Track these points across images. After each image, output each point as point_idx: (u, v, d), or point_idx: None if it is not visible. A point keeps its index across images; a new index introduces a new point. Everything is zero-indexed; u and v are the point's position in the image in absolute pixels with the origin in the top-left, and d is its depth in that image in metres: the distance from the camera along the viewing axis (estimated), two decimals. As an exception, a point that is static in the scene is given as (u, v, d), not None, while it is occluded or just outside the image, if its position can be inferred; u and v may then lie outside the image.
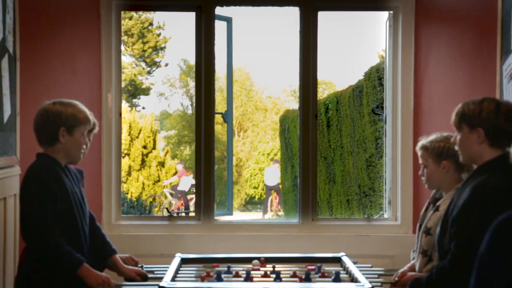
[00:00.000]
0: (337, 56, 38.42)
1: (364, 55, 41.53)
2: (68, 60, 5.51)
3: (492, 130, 3.36)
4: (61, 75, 5.46)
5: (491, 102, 3.42)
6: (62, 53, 5.50)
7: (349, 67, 41.62)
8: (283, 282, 3.67)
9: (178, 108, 33.64)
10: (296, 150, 15.47)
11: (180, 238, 5.49)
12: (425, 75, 5.61)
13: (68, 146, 3.82)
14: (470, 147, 3.42)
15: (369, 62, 27.70)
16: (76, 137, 3.82)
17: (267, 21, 43.69)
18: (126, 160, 21.49)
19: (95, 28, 5.52)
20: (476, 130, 3.37)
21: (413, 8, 5.57)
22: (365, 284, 3.48)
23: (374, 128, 12.36)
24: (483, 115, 3.37)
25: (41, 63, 5.43)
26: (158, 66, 31.38)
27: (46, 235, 3.55)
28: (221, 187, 10.31)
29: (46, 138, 3.82)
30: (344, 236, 5.56)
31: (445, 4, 5.59)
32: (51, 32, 5.47)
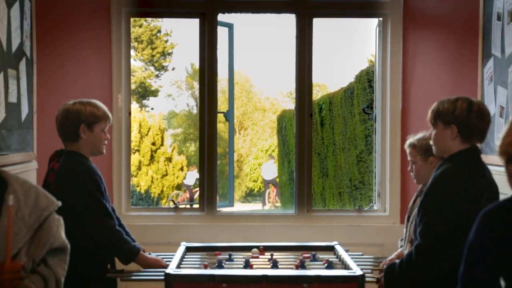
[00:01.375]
0: (330, 60, 38.43)
1: (355, 60, 41.57)
2: (81, 63, 5.49)
3: (464, 127, 3.37)
4: (75, 77, 5.43)
5: (464, 101, 3.43)
6: (76, 57, 5.48)
7: (341, 70, 41.63)
8: (280, 269, 3.63)
9: (184, 108, 33.69)
10: (292, 146, 15.51)
11: (185, 228, 5.49)
12: (412, 77, 5.59)
13: (90, 141, 3.83)
14: (444, 142, 3.42)
15: (359, 66, 27.75)
16: (96, 133, 3.84)
17: (266, 27, 43.74)
18: (136, 156, 21.51)
19: (106, 33, 5.50)
20: (450, 126, 3.39)
21: (401, 15, 5.56)
22: (357, 271, 3.45)
23: (364, 127, 12.38)
24: (456, 113, 3.38)
25: (56, 65, 5.40)
26: (166, 70, 31.41)
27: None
28: (223, 181, 10.25)
29: (69, 135, 3.83)
30: (337, 226, 5.56)
31: (431, 11, 5.57)
32: (65, 37, 5.45)
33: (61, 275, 2.80)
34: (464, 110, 3.39)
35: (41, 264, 2.75)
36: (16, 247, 2.63)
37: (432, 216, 3.28)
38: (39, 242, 2.74)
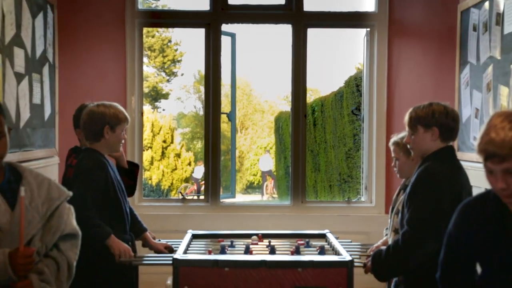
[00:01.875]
0: (322, 67, 38.42)
1: (344, 66, 41.51)
2: (98, 68, 5.46)
3: (444, 128, 3.32)
4: (92, 80, 5.40)
5: (438, 105, 3.38)
6: (93, 62, 5.45)
7: (332, 76, 41.60)
8: (277, 255, 3.59)
9: (191, 110, 33.65)
10: (288, 144, 15.49)
11: (192, 217, 5.46)
12: (397, 82, 5.56)
13: (111, 141, 3.77)
14: (425, 144, 3.36)
15: (348, 72, 27.75)
16: (117, 133, 3.78)
17: (265, 36, 43.66)
18: (149, 152, 21.48)
19: (121, 41, 5.47)
20: (431, 129, 3.32)
21: (386, 26, 5.52)
22: (346, 256, 3.41)
23: (352, 126, 12.40)
24: (436, 116, 3.32)
25: (76, 70, 5.37)
26: (176, 75, 31.37)
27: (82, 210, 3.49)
28: (226, 175, 10.23)
29: (93, 135, 3.77)
30: (328, 216, 5.53)
31: (413, 23, 5.54)
32: (84, 45, 5.42)
33: (72, 259, 2.77)
34: (442, 113, 3.34)
35: (54, 249, 2.72)
36: (30, 233, 2.60)
37: (418, 208, 3.23)
38: (51, 229, 2.70)
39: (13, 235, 2.56)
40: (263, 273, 3.23)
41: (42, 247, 2.66)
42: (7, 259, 2.49)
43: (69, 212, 2.81)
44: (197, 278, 3.23)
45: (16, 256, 2.49)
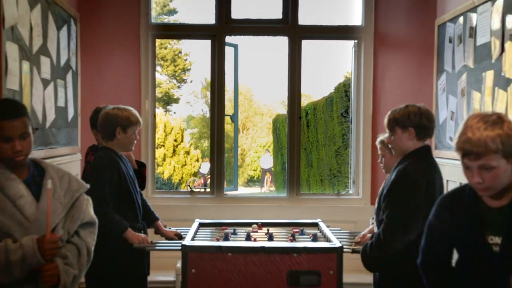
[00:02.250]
0: (315, 75, 38.39)
1: (334, 74, 41.49)
2: (115, 75, 5.43)
3: (419, 128, 3.27)
4: (111, 86, 5.37)
5: (413, 107, 3.34)
6: (112, 70, 5.42)
7: (323, 83, 41.60)
8: (274, 241, 3.56)
9: (199, 113, 33.65)
10: (284, 143, 15.48)
11: (199, 207, 5.43)
12: (381, 88, 5.53)
13: (123, 141, 3.74)
14: (404, 143, 3.31)
15: (337, 80, 27.74)
16: (129, 134, 3.74)
17: (264, 47, 43.70)
18: (161, 150, 21.51)
19: (136, 51, 5.45)
20: (407, 129, 3.27)
21: (372, 38, 5.49)
22: (336, 243, 3.38)
23: (341, 127, 12.41)
24: (411, 117, 3.27)
25: (96, 77, 5.34)
26: (185, 82, 31.43)
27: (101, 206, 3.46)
28: (229, 170, 10.23)
29: (107, 135, 3.75)
30: (320, 207, 5.50)
31: (396, 35, 5.51)
32: (103, 54, 5.39)
33: (90, 244, 2.76)
34: (417, 114, 3.29)
35: (75, 236, 2.72)
36: (54, 222, 2.59)
37: (396, 204, 3.18)
38: (72, 218, 2.70)
39: (39, 223, 2.56)
40: (262, 258, 3.21)
41: (64, 234, 2.65)
42: (36, 245, 2.48)
43: (88, 202, 2.81)
44: (203, 262, 3.21)
45: (43, 242, 2.48)
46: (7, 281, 2.51)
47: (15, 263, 2.47)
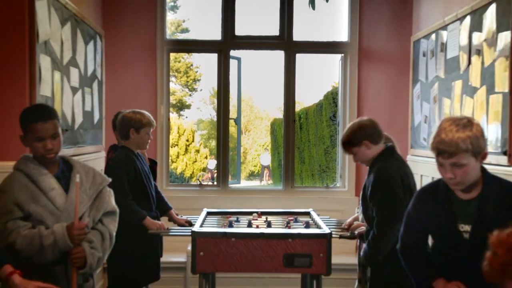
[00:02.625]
0: (307, 84, 38.34)
1: (323, 84, 41.33)
2: (135, 84, 5.40)
3: (369, 137, 3.18)
4: (130, 93, 5.34)
5: (354, 124, 3.27)
6: (131, 80, 5.39)
7: (313, 91, 41.50)
8: (272, 228, 3.53)
9: (208, 117, 33.63)
10: (281, 142, 15.48)
11: (206, 198, 5.38)
12: (364, 95, 5.50)
13: (136, 140, 3.73)
14: (367, 155, 3.22)
15: (326, 88, 27.67)
16: (141, 135, 3.73)
17: (263, 60, 43.48)
18: (175, 149, 21.46)
19: (153, 63, 5.42)
20: (362, 144, 3.19)
21: (356, 52, 5.46)
22: (326, 230, 3.34)
23: (329, 129, 12.43)
24: (357, 135, 3.19)
25: (118, 85, 5.31)
26: (196, 91, 31.38)
27: (122, 198, 3.44)
28: (233, 166, 10.21)
29: (122, 135, 3.75)
30: (311, 198, 5.47)
31: (377, 50, 5.49)
32: (124, 65, 5.37)
33: (112, 230, 2.75)
34: (359, 129, 3.21)
35: (99, 223, 2.71)
36: (81, 211, 2.59)
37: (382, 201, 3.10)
38: (97, 208, 2.69)
39: (68, 213, 2.56)
40: (262, 242, 3.18)
41: (90, 222, 2.65)
42: (65, 231, 2.49)
43: (110, 194, 2.79)
44: (210, 246, 3.17)
45: (72, 229, 2.49)
46: (41, 262, 2.51)
47: (47, 247, 2.47)
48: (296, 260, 3.17)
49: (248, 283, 4.40)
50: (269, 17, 5.94)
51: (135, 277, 3.72)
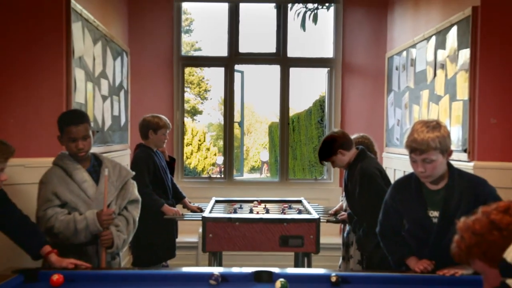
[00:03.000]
0: (298, 93, 38.31)
1: (312, 93, 41.26)
2: (155, 93, 5.37)
3: (342, 146, 3.16)
4: (151, 101, 5.31)
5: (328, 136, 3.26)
6: (152, 89, 5.36)
7: (303, 99, 41.49)
8: (270, 214, 3.51)
9: (216, 121, 33.55)
10: (277, 142, 15.41)
11: (215, 189, 5.36)
12: (347, 102, 5.47)
13: (154, 140, 3.72)
14: (343, 161, 3.21)
15: (315, 97, 27.61)
16: (158, 135, 3.71)
17: (262, 73, 43.48)
18: (189, 147, 21.43)
19: (170, 76, 5.40)
20: (337, 153, 3.17)
21: (340, 67, 5.44)
22: (315, 215, 3.32)
23: (317, 131, 12.39)
24: (332, 145, 3.17)
25: (141, 94, 5.27)
26: (207, 99, 31.32)
27: (144, 188, 3.41)
28: (237, 162, 10.22)
29: (143, 135, 3.74)
30: (303, 188, 5.44)
31: (358, 64, 5.46)
32: (146, 77, 5.34)
33: (135, 216, 2.73)
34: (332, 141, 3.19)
35: (124, 210, 2.69)
36: (109, 200, 2.57)
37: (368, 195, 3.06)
38: (122, 197, 2.67)
39: (98, 201, 2.54)
40: (261, 226, 3.15)
41: (116, 209, 2.63)
42: (95, 216, 2.48)
43: (133, 185, 2.77)
44: (217, 229, 3.15)
45: (101, 215, 2.48)
46: (75, 243, 2.50)
47: (81, 230, 2.46)
48: (290, 241, 3.14)
49: (250, 259, 4.37)
50: (267, 36, 5.92)
51: (155, 255, 3.71)
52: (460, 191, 2.27)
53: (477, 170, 3.04)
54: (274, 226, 3.15)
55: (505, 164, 3.07)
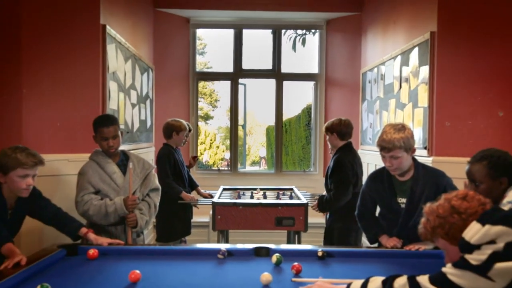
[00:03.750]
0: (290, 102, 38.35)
1: (301, 102, 41.29)
2: (175, 102, 5.30)
3: (338, 132, 3.20)
4: (172, 108, 5.24)
5: (336, 119, 3.27)
6: (172, 99, 5.29)
7: (294, 107, 41.50)
8: (267, 199, 3.46)
9: (224, 125, 33.55)
10: (273, 141, 15.40)
11: (223, 179, 5.30)
12: (329, 110, 5.41)
13: (176, 140, 3.68)
14: (333, 143, 3.23)
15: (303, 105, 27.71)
16: (180, 136, 3.68)
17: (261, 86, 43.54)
18: (203, 146, 21.42)
19: (186, 88, 5.34)
20: (333, 134, 3.20)
21: (324, 80, 5.38)
22: (304, 200, 3.27)
23: (305, 133, 12.33)
24: (334, 126, 3.21)
25: (163, 102, 5.19)
26: (216, 107, 31.21)
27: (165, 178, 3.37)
28: (241, 157, 10.21)
29: (166, 136, 3.69)
30: (294, 178, 5.37)
31: (338, 79, 5.40)
32: (168, 89, 5.27)
33: (156, 201, 2.67)
34: (337, 124, 3.23)
35: (147, 196, 2.64)
36: (134, 188, 2.53)
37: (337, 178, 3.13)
38: (145, 185, 2.63)
39: (125, 189, 2.50)
40: (260, 209, 3.11)
41: (140, 195, 2.58)
42: (122, 202, 2.43)
43: (154, 176, 2.71)
44: (224, 211, 3.10)
45: (127, 200, 2.43)
46: (106, 224, 2.46)
47: (110, 213, 2.43)
48: (283, 221, 3.10)
49: (251, 236, 4.32)
50: (265, 56, 5.89)
51: (175, 232, 3.66)
52: (423, 181, 2.23)
53: (435, 164, 2.99)
54: (270, 209, 3.10)
55: (457, 159, 3.03)
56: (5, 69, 2.89)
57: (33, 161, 2.01)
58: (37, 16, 2.96)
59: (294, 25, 5.56)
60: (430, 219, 1.33)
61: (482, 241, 1.15)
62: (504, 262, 1.11)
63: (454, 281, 1.17)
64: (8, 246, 1.92)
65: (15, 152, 1.99)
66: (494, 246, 1.13)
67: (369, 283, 1.35)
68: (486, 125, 3.10)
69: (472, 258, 1.16)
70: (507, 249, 1.12)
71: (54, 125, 3.03)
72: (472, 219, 1.24)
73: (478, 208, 1.26)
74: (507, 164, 1.81)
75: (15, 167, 1.97)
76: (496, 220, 1.16)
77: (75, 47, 3.06)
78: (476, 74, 3.09)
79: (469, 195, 1.31)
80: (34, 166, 2.02)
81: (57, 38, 3.02)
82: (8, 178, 1.99)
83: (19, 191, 2.02)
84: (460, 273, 1.17)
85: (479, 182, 1.84)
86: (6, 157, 1.98)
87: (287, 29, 5.61)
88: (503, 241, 1.13)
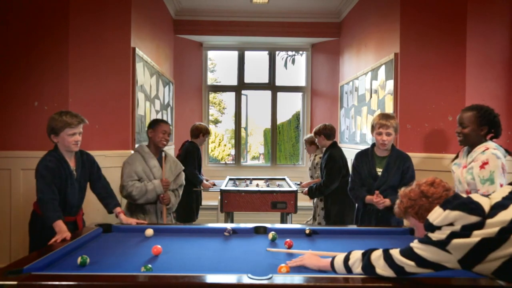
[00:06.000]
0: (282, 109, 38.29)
1: (291, 109, 41.23)
2: (190, 109, 5.24)
3: (323, 134, 3.21)
4: (188, 114, 5.19)
5: (321, 124, 3.28)
6: (188, 107, 5.24)
7: (286, 113, 41.47)
8: (265, 187, 3.42)
9: (231, 127, 33.66)
10: (269, 140, 15.34)
11: (229, 171, 5.26)
12: (314, 116, 5.36)
13: (201, 140, 3.65)
14: (321, 143, 3.25)
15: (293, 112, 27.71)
16: (205, 138, 3.67)
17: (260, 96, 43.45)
18: (213, 144, 21.37)
19: (199, 99, 5.30)
20: (320, 136, 3.22)
21: (310, 92, 5.35)
22: (294, 188, 3.25)
23: (295, 134, 12.29)
24: (320, 128, 3.22)
25: (181, 110, 5.15)
26: (224, 113, 31.14)
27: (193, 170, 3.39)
28: (244, 153, 10.27)
29: (194, 135, 3.64)
30: (286, 170, 5.38)
31: (321, 90, 5.36)
32: (184, 99, 5.23)
33: (180, 193, 2.66)
34: (322, 128, 3.24)
35: (174, 190, 2.62)
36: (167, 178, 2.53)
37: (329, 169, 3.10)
38: (175, 182, 2.61)
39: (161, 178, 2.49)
40: (259, 195, 3.08)
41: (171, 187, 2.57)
42: (160, 182, 2.44)
43: (182, 175, 2.68)
44: (230, 197, 3.08)
45: (162, 182, 2.45)
46: (145, 202, 2.46)
47: (150, 191, 2.44)
48: (278, 205, 3.08)
49: (251, 216, 4.29)
50: (263, 72, 5.87)
51: (190, 213, 3.63)
52: (395, 159, 2.35)
53: (399, 159, 2.95)
54: (267, 195, 3.08)
55: (416, 154, 3.02)
56: (55, 83, 2.88)
57: (77, 120, 2.02)
58: (82, 40, 2.95)
59: (285, 47, 5.53)
60: (403, 200, 1.32)
61: (442, 223, 1.14)
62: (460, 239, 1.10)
63: (420, 254, 1.16)
64: (58, 223, 1.87)
65: (61, 115, 2.00)
66: (452, 227, 1.12)
67: (351, 254, 1.33)
68: (439, 127, 3.09)
69: (434, 236, 1.15)
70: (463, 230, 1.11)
71: (93, 127, 3.01)
72: (437, 202, 1.23)
73: (443, 194, 1.25)
74: (491, 117, 1.93)
75: (64, 128, 1.98)
76: (454, 206, 1.14)
77: (111, 65, 3.05)
78: (431, 87, 3.08)
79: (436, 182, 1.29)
80: (78, 124, 2.02)
81: (97, 57, 3.01)
82: (60, 138, 2.00)
83: (70, 147, 2.02)
84: (424, 247, 1.16)
85: (466, 125, 1.95)
86: (55, 120, 1.99)
87: (280, 51, 5.60)
88: (459, 224, 1.12)
